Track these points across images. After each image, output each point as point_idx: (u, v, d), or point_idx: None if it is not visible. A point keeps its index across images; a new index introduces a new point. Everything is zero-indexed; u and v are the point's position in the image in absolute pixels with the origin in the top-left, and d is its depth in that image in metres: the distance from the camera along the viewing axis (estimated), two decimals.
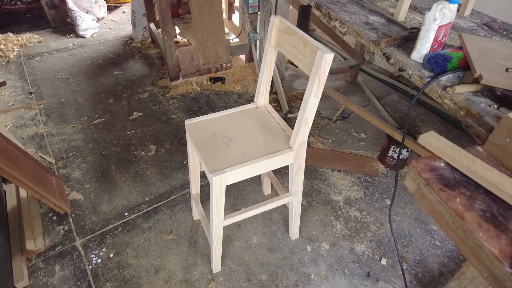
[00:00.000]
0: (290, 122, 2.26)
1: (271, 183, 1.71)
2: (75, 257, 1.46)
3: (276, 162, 1.13)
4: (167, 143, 2.07)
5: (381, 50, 1.20)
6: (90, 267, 1.43)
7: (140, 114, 2.31)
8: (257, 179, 1.83)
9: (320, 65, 0.94)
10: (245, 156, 1.11)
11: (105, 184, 1.80)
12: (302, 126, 1.06)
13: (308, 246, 1.53)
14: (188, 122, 1.26)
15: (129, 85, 2.60)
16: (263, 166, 1.10)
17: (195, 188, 1.47)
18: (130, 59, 2.96)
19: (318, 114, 2.33)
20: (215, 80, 2.63)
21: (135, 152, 2.00)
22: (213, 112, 2.36)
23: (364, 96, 2.52)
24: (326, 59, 0.93)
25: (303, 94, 2.78)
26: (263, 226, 1.60)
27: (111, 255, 1.47)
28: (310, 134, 2.17)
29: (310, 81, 0.99)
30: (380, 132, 2.19)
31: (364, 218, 1.66)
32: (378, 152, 2.03)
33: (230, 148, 1.14)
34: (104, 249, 1.49)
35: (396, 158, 1.86)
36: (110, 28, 3.50)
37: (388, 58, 1.18)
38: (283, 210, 1.67)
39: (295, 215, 1.42)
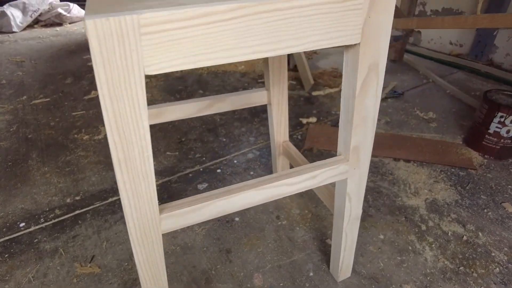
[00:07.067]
0: (318, 101, 1.52)
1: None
2: None
3: None
4: None
5: None
6: None
7: None
8: (266, 155, 1.06)
9: None
10: None
11: (11, 177, 1.07)
12: None
13: None
14: None
15: None
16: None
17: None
18: None
19: None
20: None
21: (75, 136, 1.28)
22: (203, 92, 1.68)
23: (417, 75, 1.79)
24: None
25: (333, 72, 2.07)
26: (275, 251, 0.81)
27: None
28: None
29: None
30: (456, 112, 1.42)
31: (475, 238, 0.85)
32: (462, 137, 1.26)
33: None
34: None
35: (504, 136, 1.08)
36: None
37: None
38: (316, 223, 0.89)
39: (350, 222, 0.62)
